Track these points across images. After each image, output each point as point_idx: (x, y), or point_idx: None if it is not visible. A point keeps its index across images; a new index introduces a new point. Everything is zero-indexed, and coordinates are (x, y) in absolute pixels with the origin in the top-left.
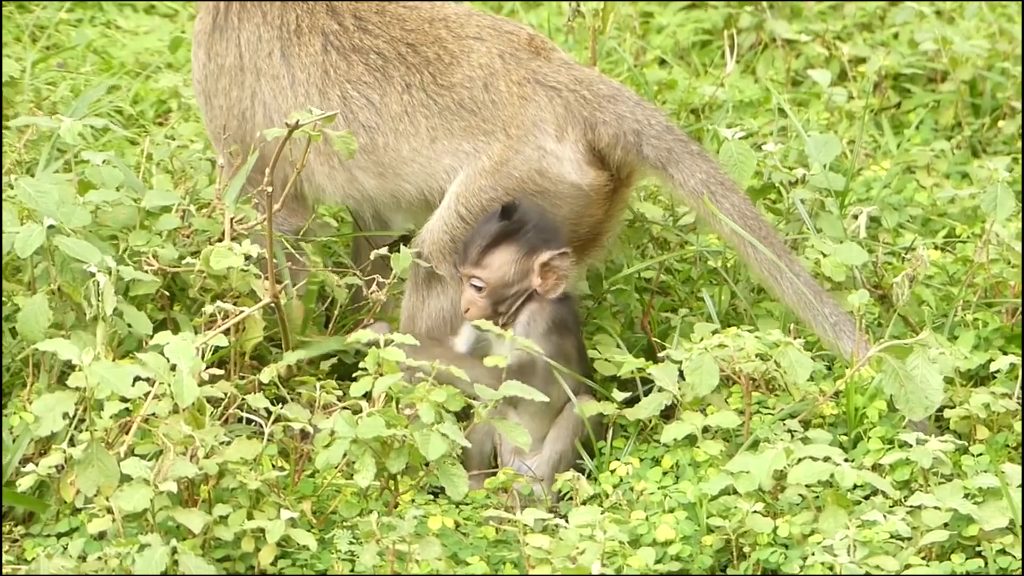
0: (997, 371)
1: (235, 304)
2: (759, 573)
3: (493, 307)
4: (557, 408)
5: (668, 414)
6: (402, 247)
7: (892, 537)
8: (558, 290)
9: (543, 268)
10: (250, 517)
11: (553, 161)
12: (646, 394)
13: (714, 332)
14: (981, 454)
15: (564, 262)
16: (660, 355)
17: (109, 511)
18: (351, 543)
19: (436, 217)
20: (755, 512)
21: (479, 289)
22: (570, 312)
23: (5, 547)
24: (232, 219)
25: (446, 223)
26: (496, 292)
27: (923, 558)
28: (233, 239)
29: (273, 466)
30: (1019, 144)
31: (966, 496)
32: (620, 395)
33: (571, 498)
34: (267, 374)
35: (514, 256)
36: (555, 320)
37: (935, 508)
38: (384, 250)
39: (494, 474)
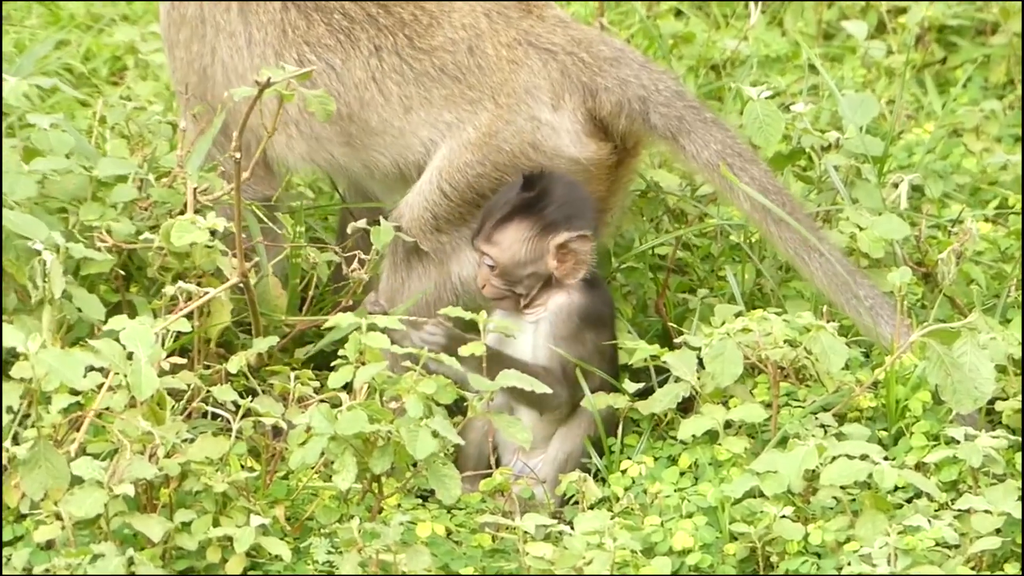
0: None
1: (199, 284)
2: None
3: (509, 287)
4: (573, 407)
5: (686, 407)
6: (382, 220)
7: (938, 544)
8: (577, 276)
9: (560, 250)
10: (216, 524)
11: (548, 133)
12: (661, 385)
13: (737, 315)
14: None
15: (584, 245)
16: (677, 341)
17: (58, 517)
18: (329, 552)
19: (416, 192)
20: (784, 517)
21: (491, 268)
22: (604, 301)
23: None
24: (195, 189)
25: (427, 199)
26: (508, 272)
27: (972, 567)
28: (197, 211)
29: (242, 466)
30: None
31: (1020, 498)
32: (632, 386)
33: (577, 502)
34: (235, 363)
35: (527, 234)
36: (588, 314)
37: (986, 512)
38: (363, 222)
39: (491, 475)
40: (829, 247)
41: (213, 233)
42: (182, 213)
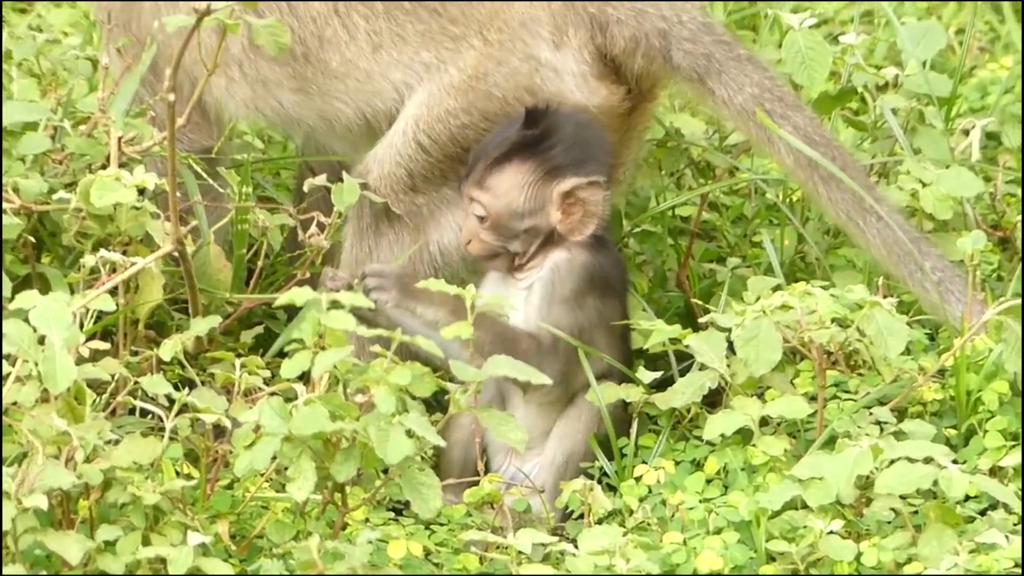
0: None
1: (125, 254)
2: None
3: (501, 243)
4: (573, 395)
5: (713, 401)
6: (345, 176)
7: (1016, 565)
8: (584, 231)
9: (565, 199)
10: (146, 542)
11: (549, 75)
12: (683, 374)
13: (775, 289)
14: None
15: (595, 194)
16: (702, 321)
17: None
18: None
19: (386, 144)
20: (831, 533)
21: (481, 219)
22: (614, 263)
23: None
24: (120, 138)
25: (401, 154)
26: (501, 225)
27: None
28: (122, 165)
29: (177, 473)
30: None
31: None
32: (648, 375)
33: (582, 515)
34: (168, 349)
35: (527, 178)
36: (592, 276)
37: None
38: (323, 179)
39: (478, 483)
40: (888, 209)
41: (142, 192)
42: (104, 167)
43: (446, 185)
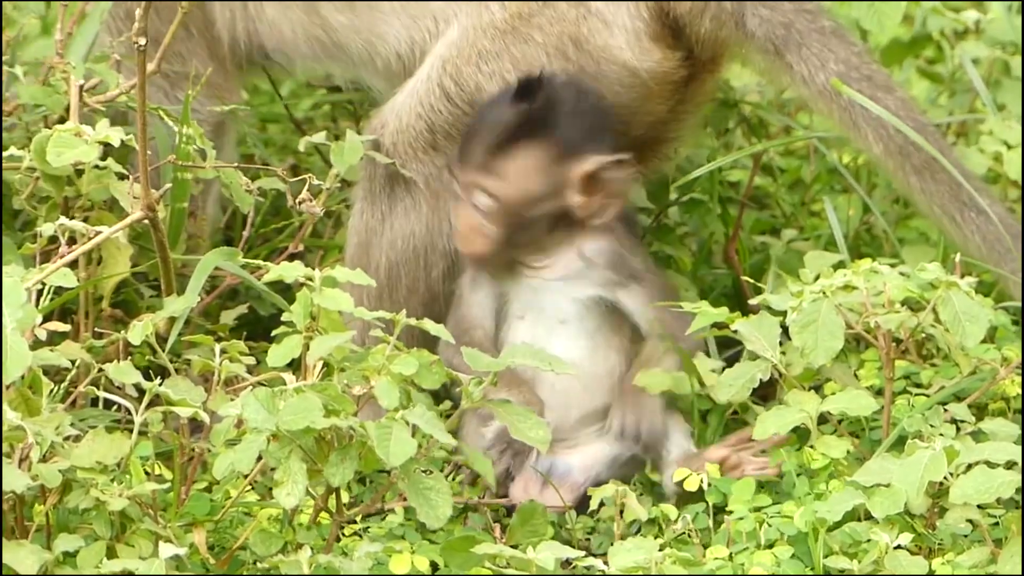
0: None
1: (87, 221)
2: None
3: (508, 237)
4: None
5: (764, 394)
6: (350, 133)
7: None
8: (606, 214)
9: (587, 181)
10: (112, 554)
11: (597, 26)
12: (730, 364)
13: (837, 266)
14: None
15: (620, 173)
16: (752, 302)
17: None
18: None
19: (408, 91)
20: (899, 548)
21: (487, 209)
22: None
23: None
24: (82, 87)
25: (422, 104)
26: (514, 214)
27: None
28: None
29: (148, 475)
30: None
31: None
32: (710, 361)
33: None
34: (138, 332)
35: (543, 160)
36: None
37: None
38: (322, 136)
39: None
40: (989, 200)
41: (107, 148)
42: (62, 121)
43: None
